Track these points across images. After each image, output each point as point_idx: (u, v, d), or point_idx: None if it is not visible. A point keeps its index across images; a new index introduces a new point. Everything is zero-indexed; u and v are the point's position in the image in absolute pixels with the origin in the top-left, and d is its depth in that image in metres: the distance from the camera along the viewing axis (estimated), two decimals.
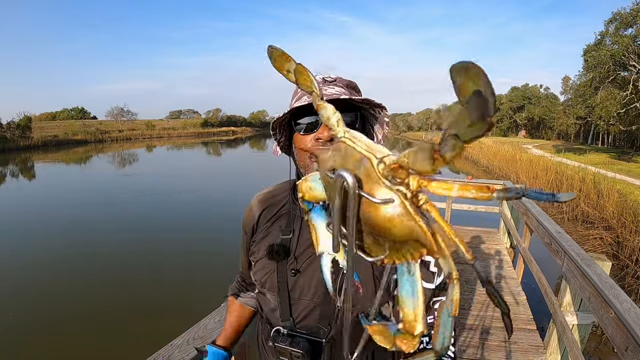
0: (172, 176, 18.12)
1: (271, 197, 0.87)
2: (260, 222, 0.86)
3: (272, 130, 0.76)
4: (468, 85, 0.24)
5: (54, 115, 76.36)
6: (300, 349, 0.73)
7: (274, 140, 0.79)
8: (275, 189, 0.89)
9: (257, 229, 0.86)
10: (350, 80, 0.77)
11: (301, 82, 0.40)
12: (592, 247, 6.64)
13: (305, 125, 0.72)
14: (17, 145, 34.12)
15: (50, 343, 4.16)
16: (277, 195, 0.87)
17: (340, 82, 0.74)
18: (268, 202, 0.87)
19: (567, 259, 2.28)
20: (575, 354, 2.09)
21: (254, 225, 0.87)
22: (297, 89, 0.76)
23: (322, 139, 0.70)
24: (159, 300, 5.20)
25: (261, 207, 0.86)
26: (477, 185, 0.30)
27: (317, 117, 0.70)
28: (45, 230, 8.56)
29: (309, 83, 0.40)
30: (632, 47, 20.96)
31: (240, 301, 1.02)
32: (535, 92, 56.77)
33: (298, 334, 0.77)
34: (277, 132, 0.77)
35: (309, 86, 0.40)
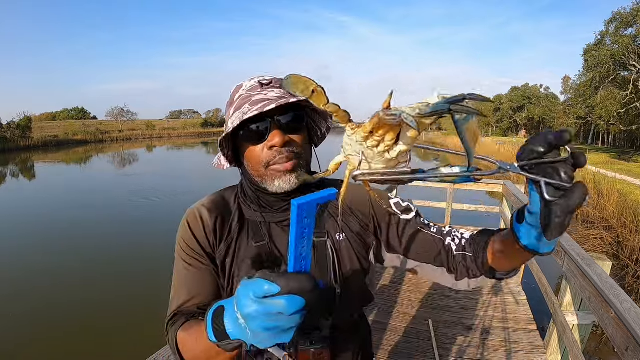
0: (171, 177, 18.14)
1: (220, 206, 0.78)
2: (220, 230, 0.75)
3: (220, 146, 0.71)
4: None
5: (54, 116, 76.45)
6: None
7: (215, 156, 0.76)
8: (217, 198, 0.80)
9: (219, 236, 0.75)
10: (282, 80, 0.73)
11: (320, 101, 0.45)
12: (592, 247, 6.64)
13: (253, 134, 0.68)
14: (17, 146, 34.17)
15: (49, 344, 4.17)
16: (226, 204, 0.79)
17: (277, 83, 0.71)
18: (219, 210, 0.77)
19: (567, 259, 2.28)
20: (575, 354, 2.09)
21: (213, 231, 0.75)
22: (232, 97, 0.73)
23: (276, 145, 0.67)
24: (159, 300, 5.18)
25: (213, 214, 0.76)
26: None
27: (263, 124, 0.67)
28: (44, 231, 8.57)
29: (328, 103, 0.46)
30: (632, 46, 20.98)
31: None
32: (536, 92, 56.75)
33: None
34: (224, 146, 0.72)
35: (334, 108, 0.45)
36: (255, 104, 0.66)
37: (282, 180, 0.69)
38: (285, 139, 0.67)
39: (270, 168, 0.69)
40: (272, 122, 0.67)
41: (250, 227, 0.76)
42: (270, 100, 0.65)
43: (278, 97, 0.67)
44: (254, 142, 0.69)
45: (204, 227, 0.75)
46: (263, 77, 0.72)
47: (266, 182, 0.70)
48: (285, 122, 0.68)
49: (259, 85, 0.70)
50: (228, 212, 0.78)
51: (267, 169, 0.69)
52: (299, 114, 0.71)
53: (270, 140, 0.67)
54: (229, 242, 0.75)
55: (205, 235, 0.75)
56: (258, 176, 0.71)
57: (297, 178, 0.69)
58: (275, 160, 0.68)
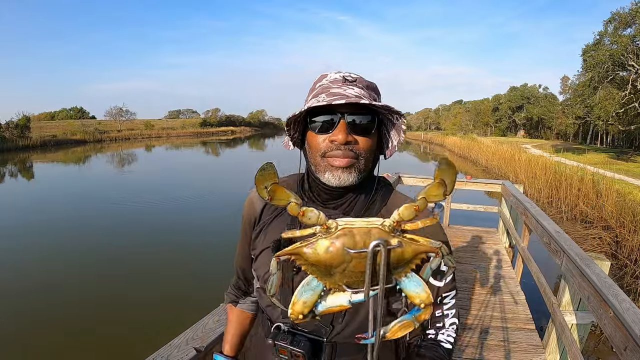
0: (171, 177, 18.11)
1: None
2: (263, 216, 0.84)
3: (287, 126, 0.75)
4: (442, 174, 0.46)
5: (52, 115, 76.16)
6: (301, 348, 0.73)
7: (286, 135, 0.79)
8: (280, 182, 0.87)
9: (259, 222, 0.85)
10: (370, 82, 0.75)
11: (278, 197, 0.48)
12: (591, 247, 6.65)
13: (320, 124, 0.71)
14: (15, 145, 34.01)
15: (48, 344, 4.15)
16: None
17: (361, 82, 0.73)
18: None
19: (566, 259, 2.28)
20: (574, 353, 2.10)
21: (256, 218, 0.85)
22: (314, 84, 0.76)
23: (337, 141, 0.68)
24: (158, 300, 5.19)
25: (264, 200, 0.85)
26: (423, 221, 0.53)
27: (332, 117, 0.69)
28: (43, 230, 8.54)
29: (285, 197, 0.49)
30: (631, 47, 20.98)
31: (240, 307, 1.00)
32: (534, 92, 56.79)
33: (299, 332, 0.77)
34: (291, 128, 0.75)
35: (286, 200, 0.49)
36: (331, 95, 0.69)
37: (332, 174, 0.70)
38: (348, 137, 0.68)
39: (326, 159, 0.71)
40: (340, 118, 0.69)
41: None
42: (346, 97, 0.67)
43: (355, 95, 0.68)
44: (319, 132, 0.71)
45: (252, 212, 0.86)
46: (350, 74, 0.73)
47: (319, 172, 0.73)
48: (353, 121, 0.69)
49: (343, 80, 0.72)
50: None
51: (322, 159, 0.71)
52: (370, 118, 0.70)
53: (334, 134, 0.69)
54: (267, 222, 0.83)
55: (251, 214, 0.86)
56: (314, 164, 0.74)
57: (348, 177, 0.70)
58: (331, 153, 0.70)
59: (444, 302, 0.78)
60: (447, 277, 0.76)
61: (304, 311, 0.52)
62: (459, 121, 67.80)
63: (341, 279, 0.50)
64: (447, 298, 0.78)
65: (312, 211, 0.49)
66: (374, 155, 0.75)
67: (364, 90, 0.71)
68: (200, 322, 1.24)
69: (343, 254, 0.48)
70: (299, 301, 0.52)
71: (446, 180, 0.46)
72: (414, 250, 0.50)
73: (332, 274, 0.50)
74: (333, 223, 0.49)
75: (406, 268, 0.51)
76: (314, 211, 0.49)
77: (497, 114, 60.65)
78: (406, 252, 0.49)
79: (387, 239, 0.48)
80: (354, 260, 0.48)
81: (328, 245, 0.48)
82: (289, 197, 0.48)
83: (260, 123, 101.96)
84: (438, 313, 0.77)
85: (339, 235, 0.49)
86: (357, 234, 0.48)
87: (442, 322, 0.78)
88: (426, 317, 0.54)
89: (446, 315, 0.78)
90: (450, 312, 0.79)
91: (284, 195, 0.48)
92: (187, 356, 1.06)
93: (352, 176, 0.70)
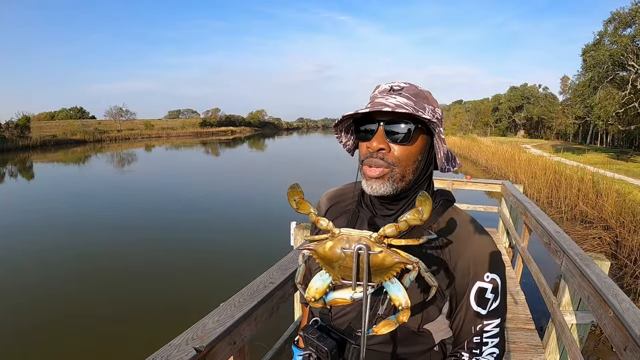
0: (170, 176, 18.12)
1: (339, 195, 0.92)
2: (326, 217, 0.87)
3: (335, 134, 0.81)
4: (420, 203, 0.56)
5: (52, 115, 76.09)
6: (326, 345, 0.76)
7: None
8: (344, 188, 0.94)
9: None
10: (421, 90, 0.75)
11: (302, 208, 0.64)
12: (590, 247, 6.65)
13: (362, 132, 0.74)
14: (15, 145, 34.00)
15: (48, 344, 4.15)
16: (345, 194, 0.92)
17: (408, 91, 0.73)
18: (335, 199, 0.92)
19: (565, 259, 2.28)
20: (574, 353, 2.09)
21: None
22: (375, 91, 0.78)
23: (371, 149, 0.72)
24: (158, 300, 5.19)
25: (328, 204, 0.92)
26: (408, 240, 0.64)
27: (371, 125, 0.72)
28: (43, 230, 8.54)
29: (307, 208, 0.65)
30: (630, 47, 20.98)
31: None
32: (534, 91, 56.76)
33: (332, 329, 0.82)
34: (342, 135, 0.81)
35: (307, 210, 0.65)
36: (374, 105, 0.71)
37: (367, 183, 0.74)
38: (380, 145, 0.71)
39: (363, 166, 0.75)
40: (378, 126, 0.72)
41: (353, 216, 0.85)
42: (385, 106, 0.68)
43: (395, 104, 0.70)
44: (361, 139, 0.76)
45: (319, 212, 0.92)
46: (399, 84, 0.75)
47: (362, 180, 0.77)
48: (390, 130, 0.71)
49: (389, 90, 0.74)
50: (343, 201, 0.91)
51: (361, 165, 0.76)
52: (408, 127, 0.71)
53: (370, 142, 0.72)
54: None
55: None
56: (360, 169, 0.77)
57: (380, 187, 0.73)
58: (366, 161, 0.74)
59: (485, 330, 0.76)
60: (492, 306, 0.75)
61: (316, 296, 0.66)
62: (458, 121, 67.79)
63: (339, 272, 0.65)
64: (489, 326, 0.76)
65: (324, 220, 0.64)
66: (418, 165, 0.75)
67: (410, 99, 0.72)
68: (200, 322, 1.23)
69: (339, 253, 0.63)
70: (313, 287, 0.67)
71: (423, 209, 0.56)
72: (393, 260, 0.62)
73: (333, 267, 0.65)
74: (337, 230, 0.64)
75: (388, 273, 0.63)
76: (325, 220, 0.64)
77: (497, 114, 60.62)
78: (386, 260, 0.61)
79: (371, 246, 0.61)
80: (347, 258, 0.63)
81: (332, 246, 0.64)
82: (309, 208, 0.64)
83: (260, 123, 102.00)
84: (477, 340, 0.76)
85: (339, 239, 0.64)
86: (351, 240, 0.63)
87: (479, 350, 0.77)
88: (404, 320, 0.62)
89: (485, 344, 0.76)
90: (491, 340, 0.76)
91: (307, 207, 0.64)
92: (187, 356, 1.06)
93: (384, 186, 0.72)
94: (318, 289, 0.67)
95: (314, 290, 0.67)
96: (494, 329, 0.76)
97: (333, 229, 0.64)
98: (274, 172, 19.56)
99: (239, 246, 7.36)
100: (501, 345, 0.77)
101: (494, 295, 0.74)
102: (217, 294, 2.65)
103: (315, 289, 0.67)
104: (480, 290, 0.74)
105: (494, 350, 0.76)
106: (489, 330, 0.76)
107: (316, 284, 0.67)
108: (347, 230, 0.65)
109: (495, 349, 0.77)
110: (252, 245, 7.31)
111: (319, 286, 0.67)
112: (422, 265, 0.63)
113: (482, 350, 0.76)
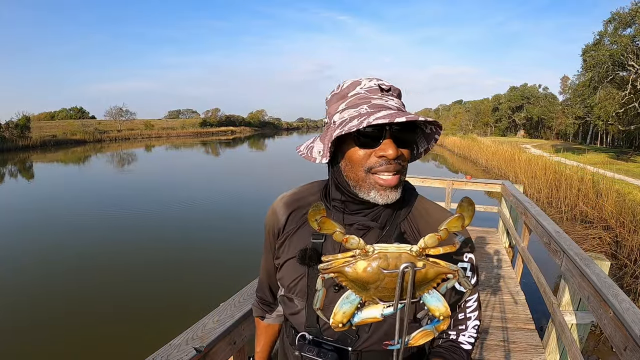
0: (170, 175, 18.11)
1: (298, 199, 0.84)
2: (287, 225, 0.82)
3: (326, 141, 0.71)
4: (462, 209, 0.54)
5: (52, 115, 76.06)
6: (329, 359, 0.73)
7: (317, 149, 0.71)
8: (302, 191, 0.86)
9: (283, 232, 0.83)
10: (397, 87, 0.73)
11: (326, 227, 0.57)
12: (590, 247, 6.65)
13: (368, 138, 0.66)
14: (15, 145, 33.99)
15: (48, 344, 4.15)
16: (304, 197, 0.84)
17: (394, 90, 0.71)
18: (295, 204, 0.83)
19: (565, 259, 2.28)
20: (574, 353, 2.09)
21: (279, 229, 0.83)
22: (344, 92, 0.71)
23: (387, 157, 0.65)
24: (158, 299, 5.19)
25: (287, 210, 0.83)
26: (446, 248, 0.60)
27: (379, 130, 0.65)
28: (43, 230, 8.54)
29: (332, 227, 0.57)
30: (630, 47, 20.97)
31: (267, 322, 1.00)
32: (534, 91, 56.74)
33: (324, 341, 0.76)
34: (314, 143, 0.73)
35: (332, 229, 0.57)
36: (375, 108, 0.65)
37: (379, 193, 0.68)
38: (398, 152, 0.65)
39: (373, 175, 0.67)
40: (387, 131, 0.65)
41: None
42: (392, 111, 0.64)
43: (397, 107, 0.67)
44: (363, 146, 0.66)
45: (275, 222, 0.84)
46: (382, 82, 0.70)
47: (360, 188, 0.69)
48: (401, 134, 0.66)
49: (379, 89, 0.69)
50: (305, 205, 0.82)
51: (367, 174, 0.67)
52: (413, 130, 0.69)
53: (383, 149, 0.65)
54: (291, 232, 0.82)
55: (274, 225, 0.84)
56: (354, 179, 0.69)
57: (396, 195, 0.69)
58: (380, 169, 0.67)
59: (467, 306, 0.80)
60: (471, 283, 0.75)
61: (344, 321, 0.60)
62: (459, 121, 67.80)
63: (375, 294, 0.59)
64: (470, 301, 0.80)
65: (354, 238, 0.57)
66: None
67: (399, 99, 0.71)
68: (200, 322, 1.23)
69: (378, 273, 0.57)
70: (339, 312, 0.60)
71: (465, 215, 0.54)
72: (436, 272, 0.58)
73: (367, 289, 0.59)
74: (370, 248, 0.58)
75: (428, 286, 0.59)
76: (355, 238, 0.57)
77: (497, 114, 60.59)
78: (429, 273, 0.58)
79: (414, 262, 0.57)
80: (387, 279, 0.58)
81: (366, 266, 0.58)
82: (335, 227, 0.57)
83: (260, 123, 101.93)
84: (461, 316, 0.80)
85: (375, 258, 0.58)
86: (390, 258, 0.57)
87: (464, 325, 0.80)
88: (444, 328, 0.60)
89: (469, 318, 0.80)
90: (473, 314, 0.81)
91: (331, 226, 0.57)
92: (187, 356, 1.06)
93: (398, 192, 0.70)
94: (346, 313, 0.60)
95: (341, 315, 0.60)
96: (474, 303, 0.81)
97: (366, 247, 0.58)
98: (274, 171, 19.56)
99: (239, 245, 7.36)
100: (480, 316, 0.82)
101: (472, 273, 0.77)
102: (217, 294, 2.66)
103: (342, 314, 0.60)
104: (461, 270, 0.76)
105: (475, 322, 0.81)
106: (470, 306, 0.81)
107: (343, 308, 0.60)
108: (382, 247, 0.59)
109: (476, 321, 0.82)
110: (252, 245, 7.31)
111: (347, 310, 0.60)
112: (462, 272, 0.60)
113: (467, 325, 0.81)
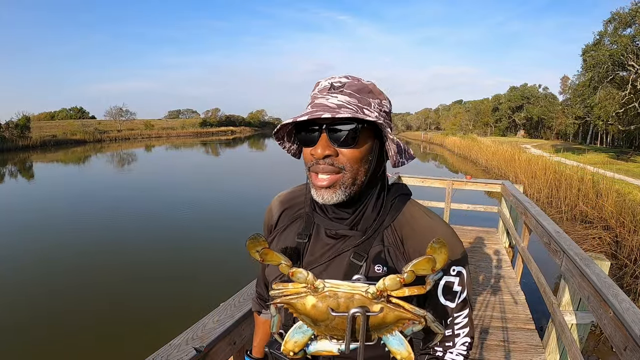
0: (169, 175, 18.11)
1: (292, 198, 0.86)
2: (280, 222, 0.85)
3: (278, 140, 0.75)
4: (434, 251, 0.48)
5: (52, 115, 76.04)
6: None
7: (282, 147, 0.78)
8: (296, 190, 0.88)
9: (275, 228, 0.85)
10: (364, 84, 0.69)
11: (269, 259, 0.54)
12: (590, 247, 6.64)
13: (305, 137, 0.68)
14: (15, 145, 33.97)
15: (48, 344, 4.15)
16: (297, 197, 0.85)
17: (350, 87, 0.67)
18: (288, 202, 0.85)
19: (565, 259, 2.28)
20: (574, 353, 2.09)
21: (272, 225, 0.86)
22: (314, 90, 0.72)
23: (315, 155, 0.66)
24: (158, 299, 5.19)
25: (281, 208, 0.85)
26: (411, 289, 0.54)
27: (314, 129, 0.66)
28: (44, 229, 8.54)
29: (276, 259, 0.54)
30: (630, 47, 20.95)
31: (263, 317, 1.02)
32: (534, 91, 56.73)
33: None
34: (285, 140, 0.76)
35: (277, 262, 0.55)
36: (315, 107, 0.65)
37: (316, 192, 0.68)
38: (326, 151, 0.65)
39: (311, 174, 0.69)
40: (320, 130, 0.65)
41: (307, 222, 0.79)
42: (327, 108, 0.63)
43: (337, 105, 0.64)
44: (305, 144, 0.69)
45: (270, 218, 0.87)
46: (339, 79, 0.69)
47: (312, 187, 0.70)
48: (336, 133, 0.64)
49: (329, 87, 0.68)
50: (296, 205, 0.84)
51: (310, 173, 0.70)
52: (353, 128, 0.64)
53: (314, 148, 0.66)
54: (281, 230, 0.83)
55: (268, 222, 0.87)
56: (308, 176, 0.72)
57: (332, 196, 0.66)
58: (313, 168, 0.68)
59: (455, 322, 0.75)
60: (460, 298, 0.74)
61: (295, 349, 0.57)
62: (458, 121, 67.78)
63: (326, 331, 0.56)
64: (458, 318, 0.75)
65: (300, 272, 0.54)
66: (370, 165, 0.69)
67: (353, 96, 0.66)
68: (200, 322, 1.23)
69: (327, 313, 0.53)
70: (290, 341, 0.57)
71: (436, 258, 0.48)
72: (396, 317, 0.53)
73: (318, 325, 0.56)
74: (321, 284, 0.54)
75: (389, 329, 0.55)
76: (302, 272, 0.54)
77: (497, 114, 60.58)
78: (388, 317, 0.53)
79: (368, 305, 0.52)
80: (337, 319, 0.53)
81: (315, 302, 0.53)
82: (279, 259, 0.54)
83: (260, 123, 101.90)
84: (448, 332, 0.75)
85: (325, 296, 0.53)
86: (341, 297, 0.53)
87: (451, 342, 0.76)
88: None
89: (457, 335, 0.76)
90: (462, 331, 0.76)
91: (275, 258, 0.54)
92: (187, 356, 1.06)
93: (336, 194, 0.66)
94: (297, 342, 0.57)
95: (292, 344, 0.57)
96: (463, 319, 0.76)
97: (315, 283, 0.54)
98: (275, 171, 19.55)
99: (239, 246, 7.32)
100: (471, 333, 0.77)
101: (461, 288, 0.73)
102: (217, 294, 2.65)
103: (293, 342, 0.57)
104: (447, 285, 0.73)
105: (465, 339, 0.77)
106: (459, 322, 0.76)
107: (295, 337, 0.57)
108: (333, 284, 0.54)
109: (466, 338, 0.77)
110: None
111: (299, 339, 0.57)
112: (430, 317, 0.55)
113: (455, 342, 0.76)
